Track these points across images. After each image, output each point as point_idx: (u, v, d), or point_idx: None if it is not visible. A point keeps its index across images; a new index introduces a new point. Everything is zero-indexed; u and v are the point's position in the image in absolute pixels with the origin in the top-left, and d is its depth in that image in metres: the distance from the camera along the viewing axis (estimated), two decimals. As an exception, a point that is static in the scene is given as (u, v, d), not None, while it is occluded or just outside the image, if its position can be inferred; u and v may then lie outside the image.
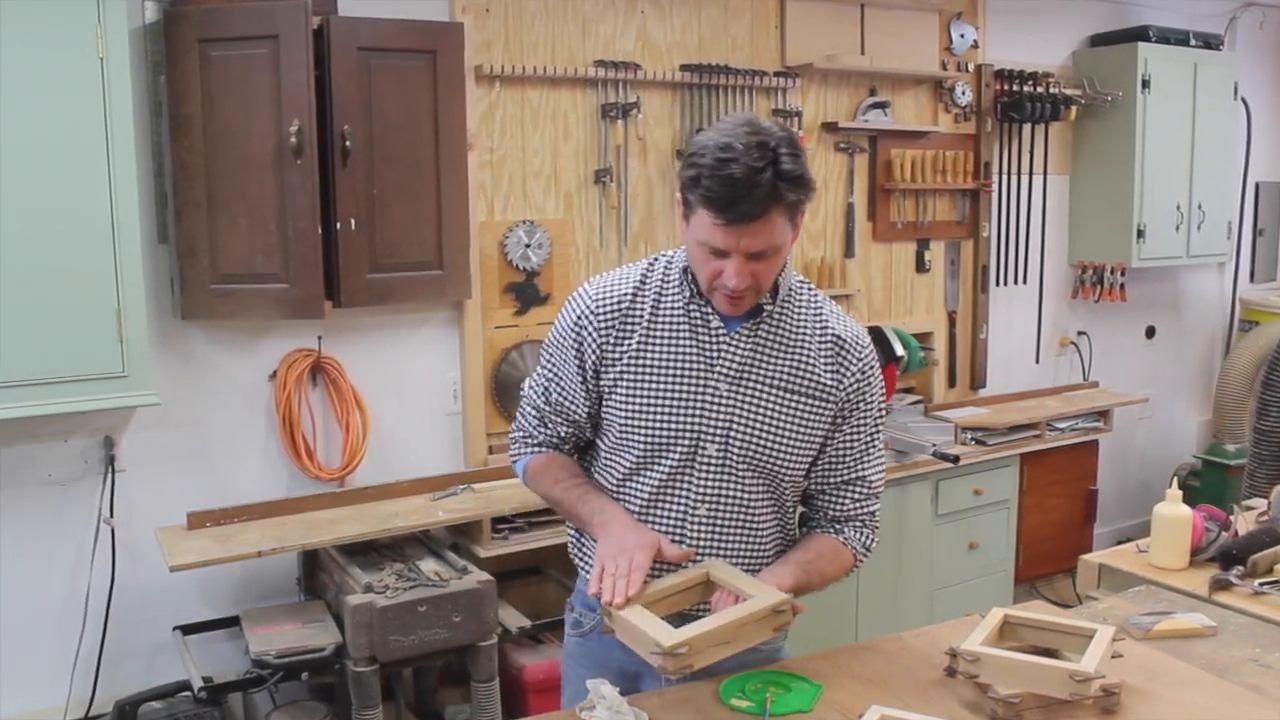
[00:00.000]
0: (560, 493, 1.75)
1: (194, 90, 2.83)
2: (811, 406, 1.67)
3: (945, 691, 1.59)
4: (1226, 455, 4.77)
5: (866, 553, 1.78)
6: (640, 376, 1.67)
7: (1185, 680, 1.64)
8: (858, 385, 1.70)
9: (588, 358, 1.70)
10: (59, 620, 2.92)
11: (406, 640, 2.65)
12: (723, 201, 1.48)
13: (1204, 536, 2.24)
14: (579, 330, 1.70)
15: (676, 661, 1.44)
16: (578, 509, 1.71)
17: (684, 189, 1.55)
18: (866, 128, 4.06)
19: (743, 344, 1.65)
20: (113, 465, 2.93)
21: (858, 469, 1.74)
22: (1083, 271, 4.76)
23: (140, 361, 2.68)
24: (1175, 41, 4.65)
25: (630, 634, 1.51)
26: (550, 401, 1.76)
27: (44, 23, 2.51)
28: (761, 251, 1.54)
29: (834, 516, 1.76)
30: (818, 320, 1.70)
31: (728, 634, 1.49)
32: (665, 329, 1.67)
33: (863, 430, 1.73)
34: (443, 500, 3.13)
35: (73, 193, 2.58)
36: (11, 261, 2.52)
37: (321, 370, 3.17)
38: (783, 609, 1.53)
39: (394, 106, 3.01)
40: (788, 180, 1.49)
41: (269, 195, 2.85)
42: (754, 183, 1.46)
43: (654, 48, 3.62)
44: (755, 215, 1.48)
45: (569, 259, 3.53)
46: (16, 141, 2.50)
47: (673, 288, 1.68)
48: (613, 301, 1.69)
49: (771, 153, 1.48)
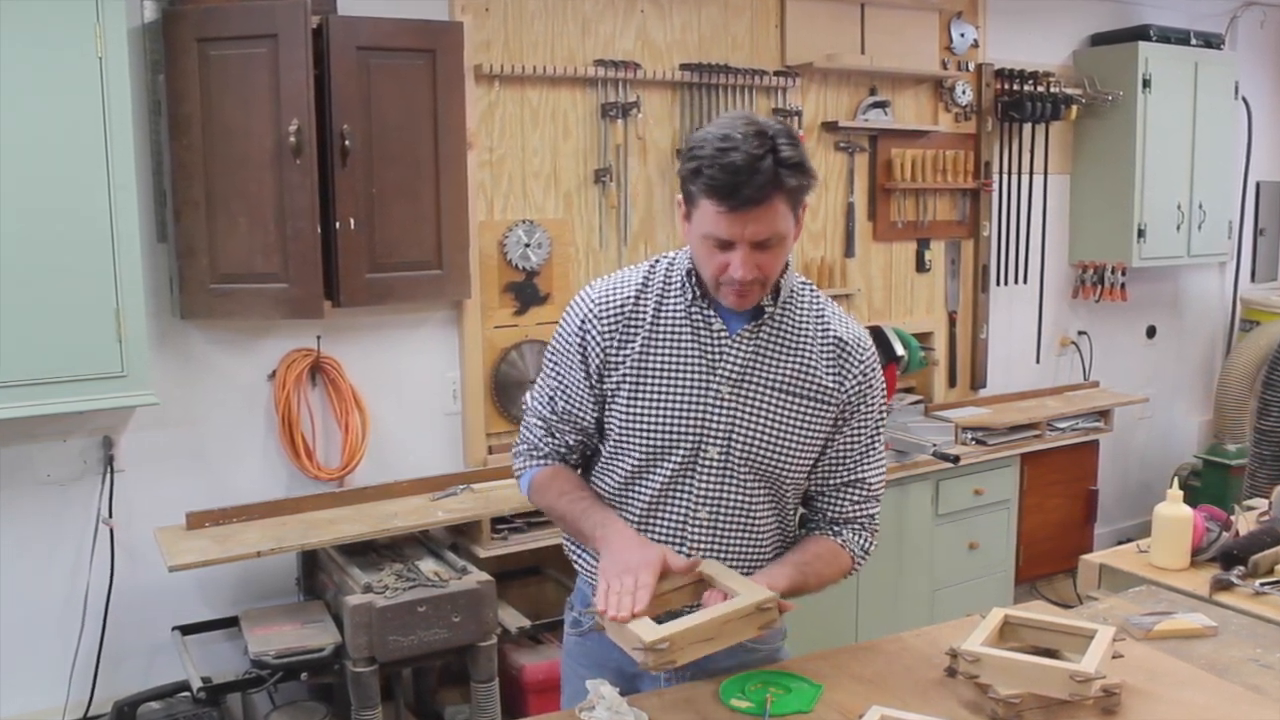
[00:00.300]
0: (565, 505, 1.72)
1: (193, 89, 2.82)
2: (813, 409, 1.67)
3: (945, 692, 1.58)
4: (1227, 455, 4.76)
5: (864, 556, 1.77)
6: (643, 379, 1.66)
7: (1186, 681, 1.63)
8: (859, 388, 1.70)
9: (592, 361, 1.69)
10: (58, 621, 2.91)
11: (406, 640, 2.65)
12: (726, 188, 1.49)
13: (1205, 537, 2.23)
14: (583, 334, 1.69)
15: (658, 657, 1.44)
16: (580, 523, 1.69)
17: (685, 183, 1.56)
18: (867, 127, 4.05)
19: (744, 346, 1.65)
20: (112, 465, 2.92)
21: (857, 471, 1.74)
22: (1083, 271, 4.75)
23: (139, 361, 2.67)
24: (1176, 41, 4.64)
25: (618, 632, 1.51)
26: (557, 411, 1.74)
27: (43, 22, 2.51)
28: (766, 240, 1.54)
29: (833, 518, 1.76)
30: (819, 322, 1.70)
31: (711, 630, 1.49)
32: (668, 332, 1.66)
33: (863, 432, 1.73)
34: (442, 500, 3.12)
35: (71, 192, 2.57)
36: (10, 261, 2.52)
37: (321, 370, 3.16)
38: (768, 607, 1.52)
39: (393, 106, 3.00)
40: (788, 166, 1.50)
41: (268, 194, 2.85)
42: (755, 169, 1.47)
43: (654, 47, 3.61)
44: (758, 200, 1.49)
45: (569, 259, 3.52)
46: (15, 141, 2.50)
47: (675, 290, 1.67)
48: (616, 305, 1.68)
49: (770, 140, 1.50)
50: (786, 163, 1.50)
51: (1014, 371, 4.66)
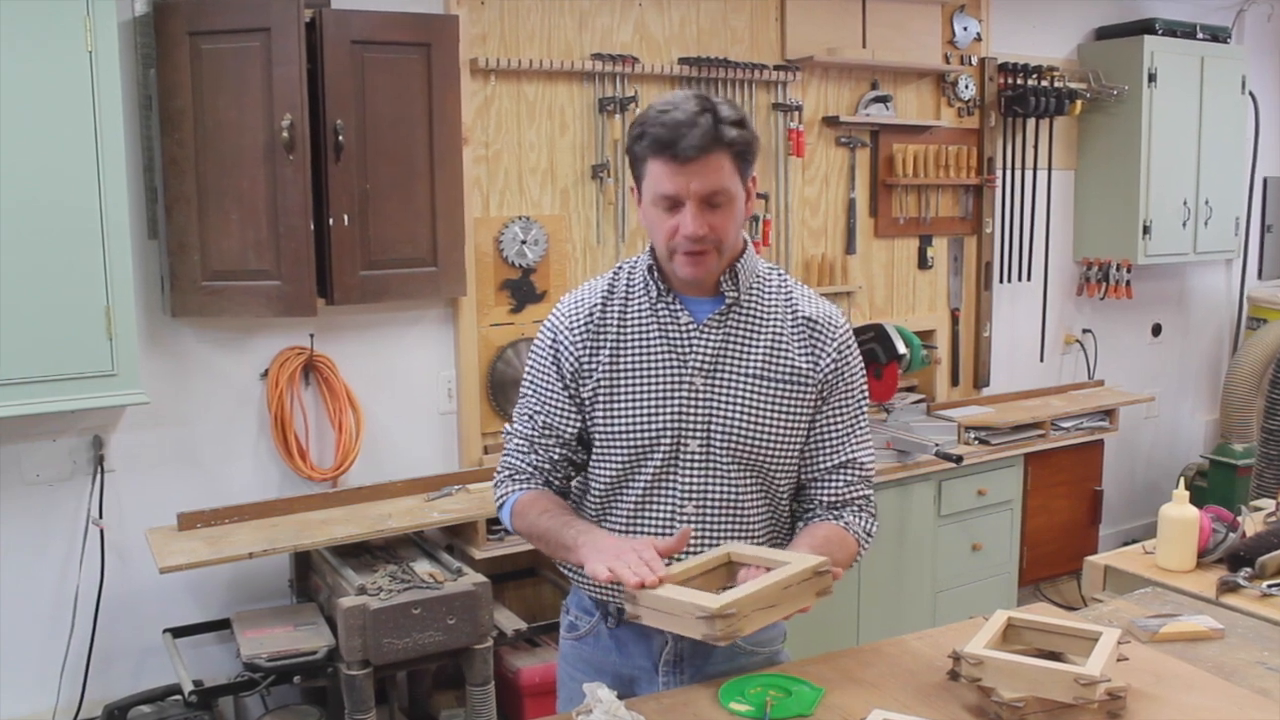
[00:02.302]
0: (545, 522, 1.69)
1: (184, 84, 2.81)
2: (790, 392, 1.68)
3: (948, 695, 1.57)
4: (1234, 455, 4.73)
5: (868, 539, 1.75)
6: (617, 382, 1.68)
7: (1192, 684, 1.62)
8: (834, 365, 1.70)
9: (566, 371, 1.71)
10: (47, 623, 2.90)
11: (400, 643, 2.63)
12: (667, 140, 1.56)
13: (1211, 538, 2.22)
14: (555, 348, 1.72)
15: (726, 625, 1.38)
16: (562, 534, 1.65)
17: (633, 157, 1.63)
18: (868, 122, 4.04)
19: (713, 336, 1.67)
20: (102, 465, 2.91)
21: (846, 451, 1.73)
22: (1088, 268, 4.73)
23: (129, 360, 2.66)
24: (1182, 34, 4.62)
25: (665, 609, 1.44)
26: (537, 426, 1.74)
27: (32, 15, 2.49)
28: (712, 195, 1.58)
29: (830, 503, 1.74)
30: (788, 304, 1.71)
31: (772, 596, 1.44)
32: (636, 332, 1.68)
33: (845, 411, 1.73)
34: (437, 501, 3.11)
35: (61, 188, 2.55)
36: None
37: (314, 369, 3.15)
38: (823, 570, 1.50)
39: (387, 100, 2.99)
40: (727, 123, 1.57)
41: (260, 190, 2.84)
42: (694, 123, 1.55)
43: (652, 40, 3.59)
44: (700, 149, 1.55)
45: (565, 255, 3.50)
46: (3, 136, 2.47)
47: (638, 289, 1.71)
48: (583, 314, 1.71)
49: (709, 102, 1.59)
50: (725, 120, 1.57)
51: (1018, 370, 4.64)
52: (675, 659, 1.72)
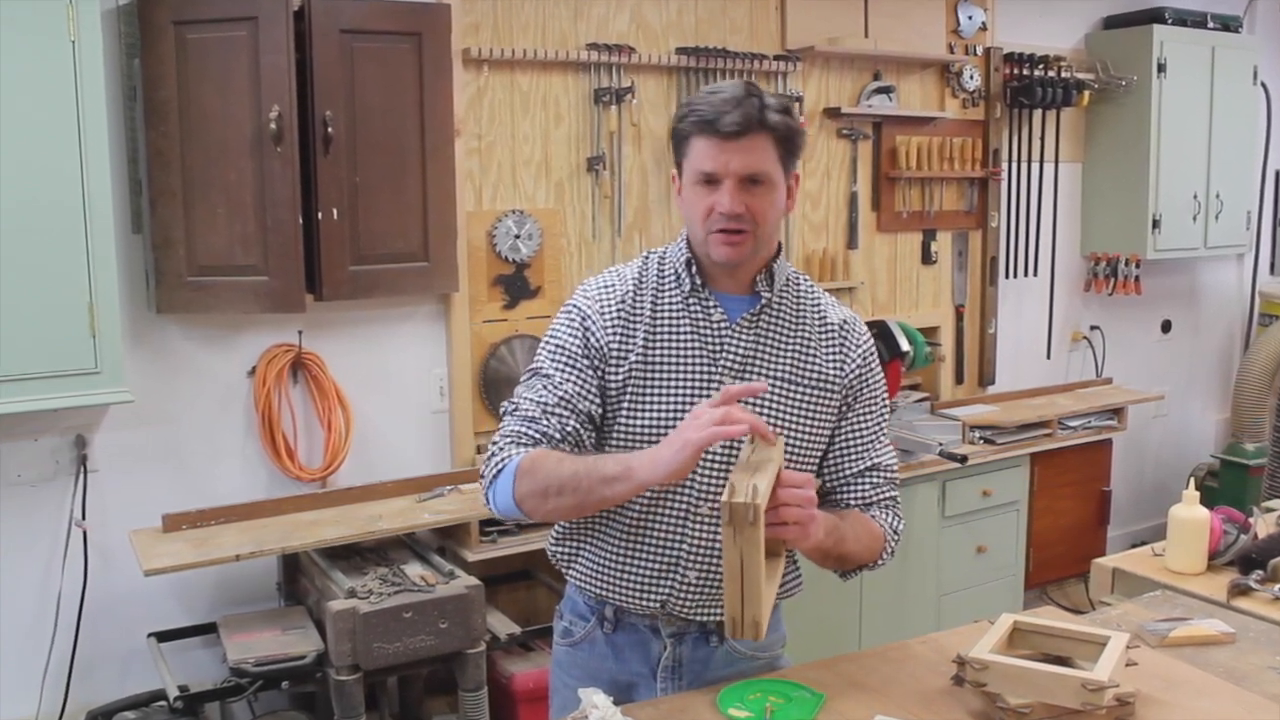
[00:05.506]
0: (570, 464, 1.53)
1: (169, 74, 2.79)
2: (816, 398, 1.68)
3: (952, 701, 1.57)
4: (1246, 455, 4.69)
5: (896, 536, 1.74)
6: (649, 375, 1.64)
7: (1203, 689, 1.62)
8: (859, 372, 1.72)
9: (595, 351, 1.65)
10: (29, 627, 2.86)
11: (391, 648, 2.62)
12: (711, 117, 1.56)
13: (1222, 539, 2.21)
14: (585, 329, 1.66)
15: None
16: (600, 467, 1.51)
17: (676, 139, 1.63)
18: (870, 113, 4.00)
19: (745, 336, 1.66)
20: (85, 465, 2.88)
21: (871, 456, 1.73)
22: (1096, 263, 4.69)
23: (113, 357, 2.63)
24: (1192, 24, 4.60)
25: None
26: (556, 396, 1.62)
27: (13, 3, 2.45)
28: (753, 175, 1.57)
29: (857, 505, 1.73)
30: (816, 310, 1.72)
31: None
32: (668, 324, 1.66)
33: (870, 416, 1.74)
34: (429, 501, 3.08)
35: (43, 181, 2.52)
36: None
37: (302, 366, 3.12)
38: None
39: (378, 91, 2.96)
40: (772, 108, 1.58)
41: (247, 184, 2.82)
42: (739, 103, 1.56)
43: (649, 30, 3.55)
44: (743, 128, 1.55)
45: (560, 250, 3.47)
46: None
47: (670, 281, 1.68)
48: (615, 300, 1.67)
49: (756, 88, 1.61)
50: (770, 105, 1.58)
51: (1023, 368, 4.61)
52: (674, 664, 1.70)
